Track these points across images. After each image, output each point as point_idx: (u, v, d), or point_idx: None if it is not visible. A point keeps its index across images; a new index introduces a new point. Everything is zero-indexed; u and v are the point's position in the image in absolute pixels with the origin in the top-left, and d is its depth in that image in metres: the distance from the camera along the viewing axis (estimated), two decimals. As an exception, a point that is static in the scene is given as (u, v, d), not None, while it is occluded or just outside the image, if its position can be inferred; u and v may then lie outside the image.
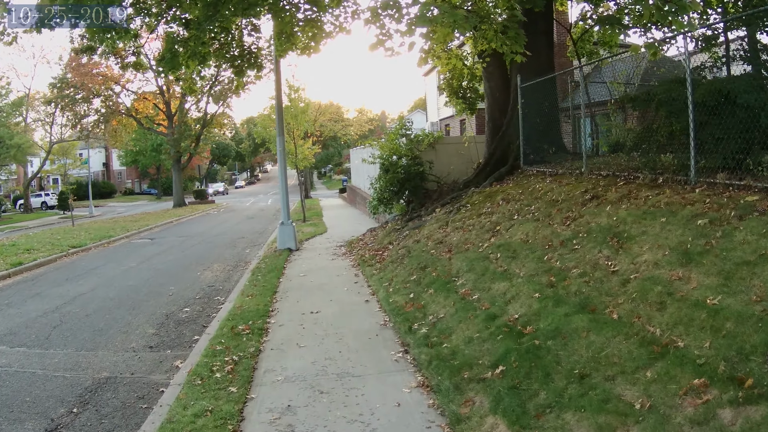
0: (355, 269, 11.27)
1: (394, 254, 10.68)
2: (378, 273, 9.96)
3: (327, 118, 44.69)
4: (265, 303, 8.99)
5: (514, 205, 9.89)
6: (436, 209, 12.66)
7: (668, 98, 8.68)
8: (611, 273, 5.94)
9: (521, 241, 7.89)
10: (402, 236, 11.99)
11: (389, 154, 14.23)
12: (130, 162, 63.47)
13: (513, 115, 13.89)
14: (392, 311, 7.54)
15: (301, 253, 13.89)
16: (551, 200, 9.12)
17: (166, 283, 12.31)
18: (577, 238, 7.15)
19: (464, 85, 20.61)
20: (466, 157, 14.79)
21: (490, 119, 14.52)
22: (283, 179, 14.34)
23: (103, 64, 39.28)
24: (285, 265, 12.32)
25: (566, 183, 9.88)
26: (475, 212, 10.62)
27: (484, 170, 13.61)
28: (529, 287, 6.37)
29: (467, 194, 12.50)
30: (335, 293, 9.37)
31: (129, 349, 8.07)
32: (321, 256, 13.18)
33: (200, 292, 11.35)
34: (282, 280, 10.85)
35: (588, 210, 7.88)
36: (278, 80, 14.12)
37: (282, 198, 14.36)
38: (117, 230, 23.68)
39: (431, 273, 8.37)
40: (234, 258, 15.27)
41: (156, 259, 15.82)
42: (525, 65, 13.90)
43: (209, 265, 14.24)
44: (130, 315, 9.88)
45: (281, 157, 14.09)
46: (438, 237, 10.18)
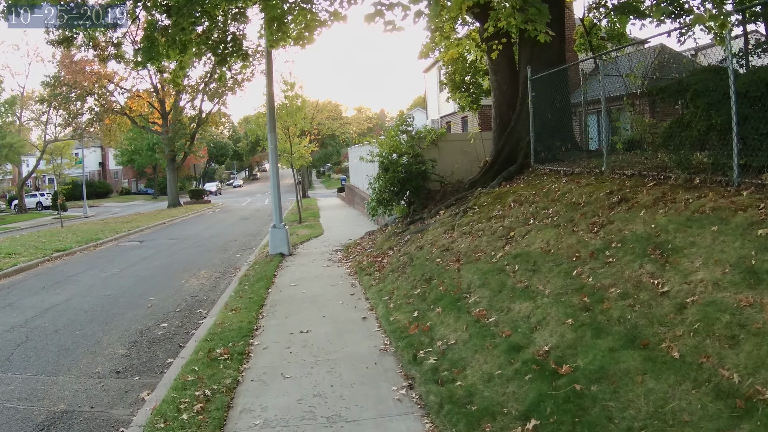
0: (351, 278, 10.17)
1: (395, 262, 9.58)
2: (377, 283, 8.86)
3: (325, 116, 43.56)
4: (249, 319, 7.89)
5: (528, 208, 8.80)
6: (440, 211, 11.57)
7: (704, 88, 7.61)
8: (660, 295, 4.85)
9: (542, 251, 6.80)
10: (403, 241, 10.90)
11: (389, 151, 13.14)
12: (126, 161, 62.19)
13: (522, 110, 12.81)
14: (393, 332, 6.43)
15: (294, 258, 12.78)
16: (571, 203, 8.03)
17: (147, 293, 11.22)
18: (609, 248, 6.06)
19: (467, 80, 19.58)
20: (471, 155, 13.69)
21: (497, 114, 13.43)
22: (275, 179, 13.23)
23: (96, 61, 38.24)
24: (276, 272, 11.22)
25: (585, 183, 8.81)
26: (484, 215, 9.53)
27: (491, 169, 12.52)
28: (559, 310, 5.28)
29: (474, 195, 11.41)
30: (329, 307, 8.26)
31: (94, 375, 7.01)
32: (315, 263, 12.07)
33: (182, 303, 10.26)
34: (271, 290, 9.75)
35: (618, 215, 6.80)
36: (269, 73, 13.02)
37: (274, 199, 13.25)
38: (106, 232, 22.57)
39: (438, 287, 7.26)
40: (223, 263, 14.17)
41: (141, 265, 14.71)
42: (534, 56, 12.83)
43: (196, 272, 13.14)
44: (102, 331, 8.81)
45: (272, 156, 12.98)
46: (443, 243, 9.08)
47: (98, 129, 43.78)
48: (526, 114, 12.67)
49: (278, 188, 13.16)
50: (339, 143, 61.26)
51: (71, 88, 38.60)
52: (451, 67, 19.23)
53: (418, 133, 13.82)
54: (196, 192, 44.45)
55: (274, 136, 12.76)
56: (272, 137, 12.74)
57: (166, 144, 37.78)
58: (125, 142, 53.59)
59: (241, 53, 9.29)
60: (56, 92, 39.48)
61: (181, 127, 37.60)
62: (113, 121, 40.69)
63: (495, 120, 13.44)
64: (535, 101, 12.12)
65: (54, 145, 53.12)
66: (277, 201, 13.15)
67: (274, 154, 12.91)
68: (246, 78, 37.94)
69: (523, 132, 12.67)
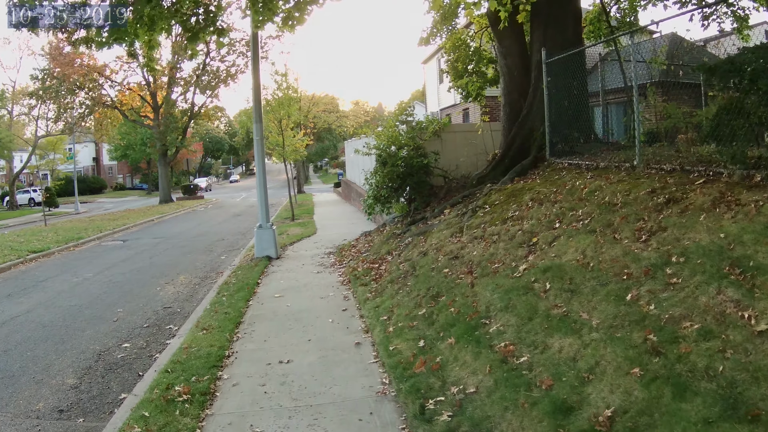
0: (344, 288, 8.78)
1: (395, 270, 8.20)
2: (373, 297, 7.47)
3: (321, 109, 41.99)
4: (221, 342, 6.52)
5: (550, 209, 7.42)
6: (445, 210, 10.18)
7: (767, 68, 6.28)
8: (756, 335, 3.49)
9: (578, 264, 5.42)
10: (403, 244, 9.52)
11: (387, 143, 11.74)
12: (119, 156, 60.64)
13: (535, 98, 11.42)
14: (394, 368, 5.05)
15: (281, 263, 11.38)
16: (605, 203, 6.66)
17: (116, 303, 9.86)
18: (669, 264, 4.69)
19: (470, 69, 18.16)
20: (477, 147, 12.30)
21: (506, 102, 12.03)
22: (262, 174, 11.82)
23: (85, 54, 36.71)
24: (259, 280, 9.83)
25: (617, 180, 7.45)
26: (497, 216, 8.14)
27: (501, 163, 11.14)
28: (616, 351, 3.91)
29: (483, 192, 10.03)
30: (316, 327, 6.88)
31: (32, 414, 5.72)
32: (305, 268, 10.67)
33: (152, 316, 8.90)
34: (252, 302, 8.36)
35: (670, 219, 5.43)
36: (255, 57, 11.58)
37: (259, 196, 11.85)
38: (89, 231, 21.15)
39: (447, 307, 5.88)
40: (205, 267, 12.77)
41: (117, 268, 13.32)
42: (548, 39, 11.42)
43: (174, 277, 11.75)
44: (56, 352, 7.48)
45: (258, 148, 11.56)
46: (451, 249, 7.69)
47: (89, 123, 42.29)
48: (539, 102, 11.30)
49: (264, 185, 11.75)
50: (336, 137, 59.67)
51: (61, 81, 37.05)
52: (453, 54, 17.79)
53: (419, 124, 12.43)
54: (189, 187, 42.84)
55: (260, 126, 11.34)
56: (258, 128, 11.33)
57: (157, 138, 36.27)
58: (117, 136, 52.02)
59: (216, 28, 7.88)
60: (46, 86, 37.96)
61: (172, 121, 36.04)
62: (104, 115, 39.12)
63: (504, 109, 12.05)
64: (550, 87, 10.76)
65: (46, 140, 51.65)
66: (263, 199, 11.75)
67: (260, 147, 11.49)
68: (240, 70, 36.47)
69: (536, 122, 11.30)
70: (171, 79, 36.53)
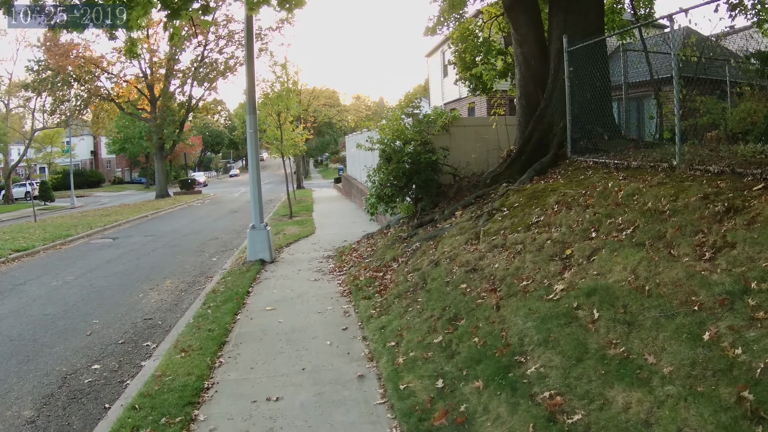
0: (345, 300, 7.78)
1: (402, 282, 7.21)
2: (378, 314, 6.48)
3: (322, 102, 40.87)
4: (201, 370, 5.54)
5: (581, 214, 6.43)
6: (456, 212, 9.18)
7: None
8: None
9: (631, 287, 4.43)
10: (410, 250, 8.53)
11: (392, 138, 10.72)
12: (117, 150, 59.48)
13: (555, 89, 10.41)
14: (407, 416, 4.06)
15: (276, 267, 10.38)
16: (648, 210, 5.67)
17: (94, 313, 8.90)
18: (749, 292, 3.72)
19: (478, 60, 17.14)
20: (490, 143, 11.29)
21: (522, 94, 11.01)
22: (255, 169, 10.79)
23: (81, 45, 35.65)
24: (250, 288, 8.83)
25: (656, 182, 6.47)
26: (519, 221, 7.15)
27: (517, 160, 10.13)
28: (703, 414, 2.92)
29: (499, 193, 9.04)
30: (312, 352, 5.88)
31: (-29, 460, 4.76)
32: (301, 274, 9.67)
33: (130, 330, 7.94)
34: (240, 317, 7.37)
35: (737, 233, 4.44)
36: (249, 41, 10.54)
37: (252, 193, 10.84)
38: (80, 227, 20.18)
39: (470, 335, 4.87)
40: (195, 270, 11.79)
41: (101, 271, 12.33)
42: (569, 26, 10.38)
43: (160, 282, 10.77)
44: (18, 374, 6.56)
45: (251, 142, 10.53)
46: (468, 259, 6.69)
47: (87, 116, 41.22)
48: (559, 94, 10.30)
49: (258, 182, 10.74)
50: (336, 132, 58.52)
51: (56, 73, 35.97)
52: (461, 45, 16.78)
53: (427, 117, 11.41)
54: (186, 182, 41.74)
55: (253, 118, 10.32)
56: (251, 120, 10.31)
57: (154, 131, 35.19)
58: (115, 129, 50.92)
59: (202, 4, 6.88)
60: (42, 78, 36.88)
61: (169, 114, 34.94)
62: (99, 108, 38.03)
63: (520, 101, 11.03)
64: (572, 78, 9.77)
65: (43, 133, 50.65)
66: (256, 197, 10.74)
67: (253, 140, 10.47)
68: (239, 62, 35.32)
69: (555, 116, 10.31)
70: (168, 71, 35.44)
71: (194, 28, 8.56)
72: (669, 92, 15.94)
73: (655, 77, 12.35)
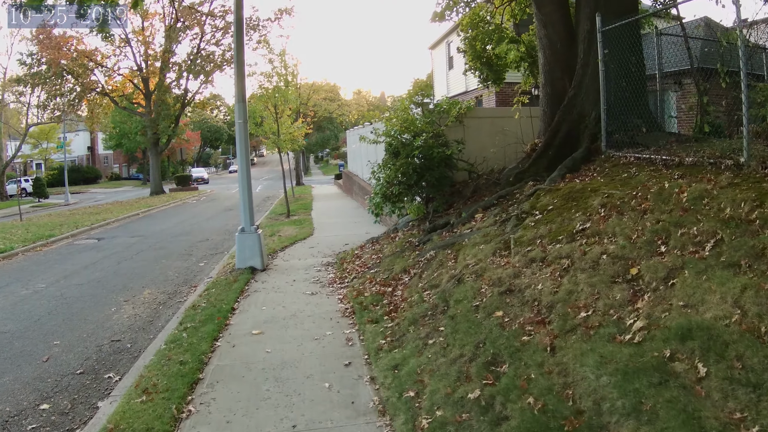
0: (347, 322, 6.42)
1: (417, 302, 5.88)
2: (390, 346, 5.13)
3: (322, 96, 39.43)
4: (163, 424, 4.22)
5: (639, 221, 5.11)
6: (476, 215, 7.85)
7: None
8: None
9: (742, 328, 3.10)
10: (424, 260, 7.20)
11: (400, 130, 9.38)
12: (114, 146, 57.96)
13: (585, 75, 9.08)
14: None
15: (268, 276, 9.03)
16: (731, 218, 4.38)
17: (57, 331, 7.61)
18: None
19: (489, 50, 15.79)
20: (509, 136, 9.94)
21: (547, 82, 9.67)
22: (244, 165, 9.44)
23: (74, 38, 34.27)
24: (236, 303, 7.48)
25: (727, 183, 5.17)
26: (559, 228, 5.82)
27: (544, 155, 8.79)
28: None
29: (526, 192, 7.71)
30: (306, 399, 4.52)
31: None
32: (295, 286, 8.31)
33: (93, 354, 6.64)
34: (220, 342, 6.03)
35: None
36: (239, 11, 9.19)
37: (242, 193, 9.49)
38: (65, 227, 18.85)
39: (520, 392, 3.51)
40: (178, 277, 10.46)
41: (77, 277, 11.01)
42: (600, 4, 9.11)
43: (138, 292, 9.45)
44: (-57, 418, 5.24)
45: (240, 134, 9.17)
46: (500, 277, 5.36)
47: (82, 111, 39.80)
48: (591, 80, 8.98)
49: (248, 179, 9.41)
50: (337, 127, 57.07)
51: (49, 66, 34.57)
52: (472, 31, 15.40)
53: (438, 107, 10.06)
54: (182, 178, 40.23)
55: (243, 107, 8.97)
56: (240, 108, 8.96)
57: (148, 126, 33.78)
58: (111, 125, 49.50)
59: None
60: (34, 72, 35.50)
61: (164, 108, 33.52)
62: (93, 102, 36.61)
63: (545, 89, 9.69)
64: (607, 62, 8.47)
65: (39, 129, 49.26)
66: (246, 196, 9.40)
67: (243, 132, 9.11)
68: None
69: (586, 105, 8.98)
70: (164, 63, 34.03)
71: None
72: (689, 85, 14.58)
73: (677, 68, 11.03)
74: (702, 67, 12.12)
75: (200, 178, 50.17)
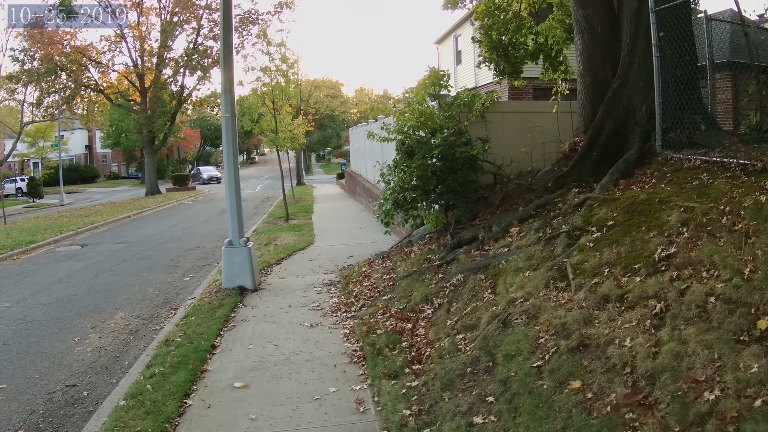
0: (356, 372, 4.98)
1: (449, 349, 4.46)
2: (418, 424, 3.70)
3: (323, 93, 37.94)
4: None
5: (740, 246, 3.84)
6: (510, 228, 6.44)
7: None
8: None
9: None
10: (451, 286, 5.80)
11: (414, 125, 7.98)
12: (111, 144, 56.53)
13: (633, 63, 7.70)
14: None
15: (259, 299, 7.60)
16: None
17: (6, 370, 6.31)
18: None
19: (505, 40, 14.41)
20: (542, 133, 8.51)
21: (586, 70, 8.27)
22: (232, 168, 8.02)
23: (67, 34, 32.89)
24: (217, 339, 6.05)
25: None
26: (631, 252, 4.42)
27: (587, 156, 7.39)
28: None
29: (570, 201, 6.32)
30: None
31: None
32: (291, 314, 6.86)
33: (41, 405, 5.32)
34: (191, 402, 4.61)
35: None
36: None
37: (229, 199, 8.08)
38: (49, 231, 17.48)
39: None
40: (159, 296, 9.06)
41: (46, 294, 9.61)
42: (647, -22, 7.73)
43: (110, 315, 8.07)
44: None
45: (227, 129, 7.74)
46: (564, 321, 3.94)
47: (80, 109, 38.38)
48: (640, 68, 7.61)
49: (236, 182, 8.01)
50: (339, 125, 55.58)
51: (42, 63, 33.18)
52: (487, 19, 14.02)
53: (457, 99, 8.64)
54: (179, 177, 38.70)
55: (229, 98, 7.58)
56: (228, 100, 7.56)
57: (143, 124, 32.36)
58: (106, 123, 48.09)
59: None
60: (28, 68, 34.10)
61: (160, 105, 32.08)
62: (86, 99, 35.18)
63: (583, 79, 8.28)
64: (662, 48, 7.10)
65: (35, 127, 47.92)
66: (234, 204, 8.00)
67: (230, 127, 7.68)
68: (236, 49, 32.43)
69: (634, 97, 7.59)
70: (160, 58, 32.60)
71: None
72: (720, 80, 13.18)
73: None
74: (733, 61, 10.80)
75: (214, 177, 47.54)
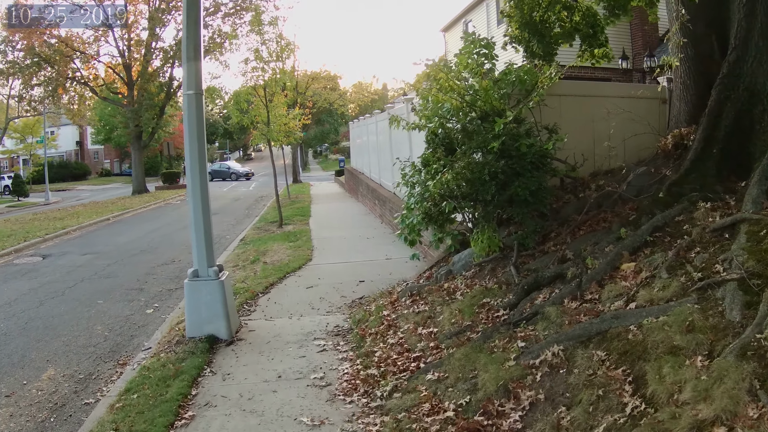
0: None
1: None
2: None
3: (321, 85, 35.44)
4: None
5: None
6: (618, 264, 4.13)
7: None
8: None
9: None
10: (541, 364, 3.50)
11: (456, 108, 5.64)
12: (102, 140, 53.79)
13: (753, 29, 5.34)
14: None
15: (236, 362, 5.17)
16: None
17: None
18: None
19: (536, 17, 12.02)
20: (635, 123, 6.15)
21: (689, 39, 5.95)
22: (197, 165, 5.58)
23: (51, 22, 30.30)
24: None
25: None
26: None
27: (705, 154, 5.05)
28: None
29: (702, 221, 4.00)
30: None
31: None
32: (282, 395, 4.38)
33: None
34: None
35: None
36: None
37: (194, 215, 5.71)
38: (12, 238, 15.06)
39: None
40: (107, 339, 6.67)
41: (-32, 330, 7.25)
42: None
43: (35, 374, 5.70)
44: None
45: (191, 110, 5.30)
46: None
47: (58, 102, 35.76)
48: (763, 35, 5.28)
49: (204, 188, 5.63)
50: (337, 120, 52.96)
51: (25, 54, 30.68)
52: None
53: (506, 76, 6.25)
54: (169, 175, 36.04)
55: (194, 66, 5.21)
56: (191, 69, 5.20)
57: (130, 118, 29.84)
58: (96, 118, 45.45)
59: None
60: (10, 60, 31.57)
61: (148, 98, 29.55)
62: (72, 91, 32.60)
63: (683, 50, 5.95)
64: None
65: (23, 122, 45.38)
66: (200, 220, 5.63)
67: (194, 108, 5.26)
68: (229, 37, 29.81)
69: (758, 74, 5.26)
70: (147, 48, 30.08)
71: None
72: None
73: None
74: None
75: (248, 173, 43.98)
